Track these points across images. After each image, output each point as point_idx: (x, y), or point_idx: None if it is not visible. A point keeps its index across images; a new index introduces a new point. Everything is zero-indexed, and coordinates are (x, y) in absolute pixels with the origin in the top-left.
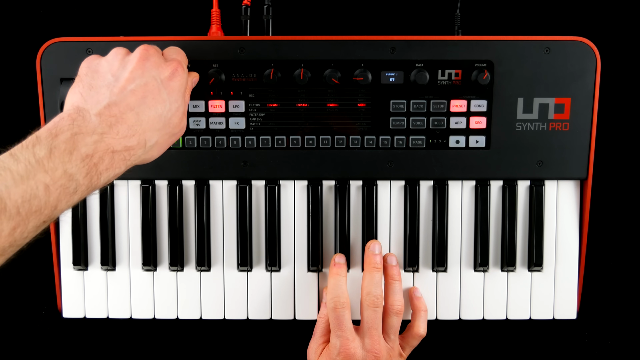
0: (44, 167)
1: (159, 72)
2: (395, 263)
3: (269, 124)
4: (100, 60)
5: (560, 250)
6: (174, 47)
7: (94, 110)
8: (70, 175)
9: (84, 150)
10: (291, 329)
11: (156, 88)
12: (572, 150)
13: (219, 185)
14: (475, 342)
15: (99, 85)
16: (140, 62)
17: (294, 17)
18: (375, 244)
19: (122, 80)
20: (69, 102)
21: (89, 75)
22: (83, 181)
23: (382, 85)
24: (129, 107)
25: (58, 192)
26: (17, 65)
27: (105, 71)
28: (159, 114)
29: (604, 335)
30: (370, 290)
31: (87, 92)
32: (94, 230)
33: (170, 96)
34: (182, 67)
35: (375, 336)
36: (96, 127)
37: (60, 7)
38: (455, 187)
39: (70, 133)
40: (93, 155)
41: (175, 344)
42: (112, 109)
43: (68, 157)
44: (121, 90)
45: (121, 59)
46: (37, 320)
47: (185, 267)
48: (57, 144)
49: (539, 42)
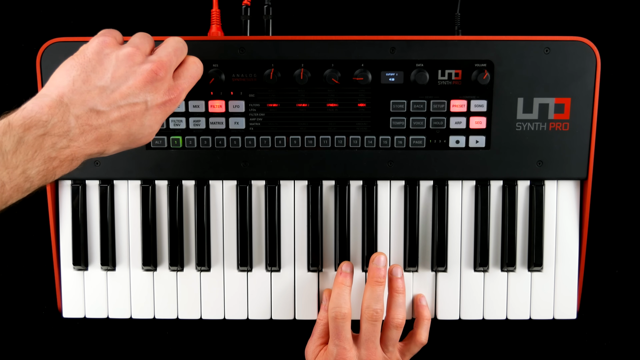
0: (6, 163)
1: (154, 97)
2: (401, 275)
3: (269, 124)
4: (112, 53)
5: (560, 250)
6: (180, 48)
7: (75, 110)
8: (27, 176)
9: (48, 152)
10: (291, 329)
11: (141, 112)
12: (572, 150)
13: (219, 185)
14: (475, 342)
15: (94, 83)
16: (143, 82)
17: (294, 17)
18: (380, 256)
19: (117, 92)
20: (58, 82)
21: (93, 63)
22: (37, 182)
23: (382, 85)
24: (108, 121)
25: (12, 191)
26: (17, 65)
27: (108, 70)
28: (130, 133)
29: (604, 335)
30: (370, 304)
31: (79, 83)
32: (94, 230)
33: (151, 121)
34: (181, 97)
35: (372, 348)
36: (69, 131)
37: (60, 7)
38: (455, 187)
39: (43, 130)
40: (55, 158)
41: (175, 344)
42: (91, 118)
43: (32, 155)
44: (111, 102)
45: (130, 65)
46: (37, 320)
47: (185, 267)
48: (27, 139)
49: (539, 42)
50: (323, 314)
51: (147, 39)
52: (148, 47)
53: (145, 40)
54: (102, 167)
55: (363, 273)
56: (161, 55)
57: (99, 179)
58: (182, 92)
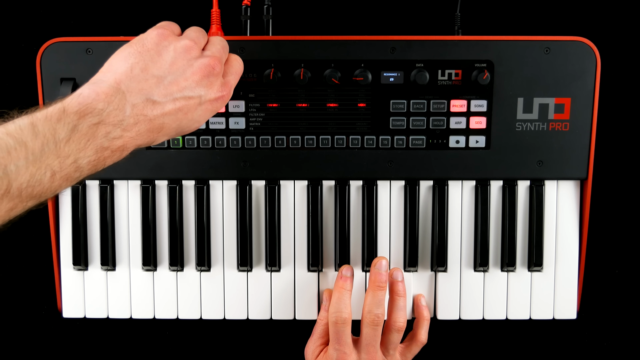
0: (58, 152)
1: (208, 92)
2: (401, 279)
3: (269, 124)
4: (170, 45)
5: (560, 250)
6: (233, 56)
7: (132, 99)
8: (78, 166)
9: (100, 142)
10: (291, 329)
11: (194, 106)
12: (572, 150)
13: (219, 185)
14: (475, 342)
15: (151, 72)
16: (200, 75)
17: (294, 17)
18: (382, 261)
19: (174, 84)
20: (115, 68)
21: (151, 53)
22: (87, 171)
23: (382, 85)
24: (163, 113)
25: (62, 180)
26: (17, 65)
27: (167, 61)
28: (180, 126)
29: (604, 335)
30: (371, 309)
31: (137, 71)
32: (94, 230)
33: (200, 116)
34: (230, 94)
35: (372, 352)
36: (123, 120)
37: (60, 7)
38: (455, 187)
39: (98, 119)
40: (107, 148)
41: (175, 344)
42: (146, 108)
43: (84, 144)
44: (167, 94)
45: (188, 58)
46: (37, 320)
47: (185, 267)
48: (81, 127)
49: (539, 42)
50: (323, 314)
51: (202, 34)
52: (203, 42)
53: (200, 35)
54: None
55: (363, 273)
56: (214, 50)
57: (99, 179)
58: (231, 88)
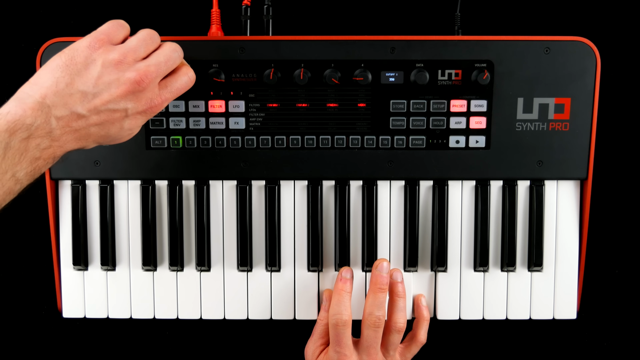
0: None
1: (135, 105)
2: (401, 279)
3: (269, 124)
4: (99, 59)
5: (560, 250)
6: (175, 52)
7: (57, 112)
8: (17, 179)
9: (32, 153)
10: (291, 329)
11: (120, 118)
12: (572, 150)
13: (219, 185)
14: (475, 342)
15: (76, 86)
16: (125, 91)
17: (294, 17)
18: (383, 263)
19: (98, 99)
20: (42, 82)
21: (78, 66)
22: (26, 182)
23: (382, 85)
24: (88, 124)
25: (4, 195)
26: (17, 65)
27: (93, 76)
28: (109, 134)
29: (604, 335)
30: (372, 311)
31: (63, 85)
32: (94, 230)
33: (130, 125)
34: (162, 107)
35: (373, 354)
36: (51, 132)
37: (60, 7)
38: (455, 187)
39: (27, 133)
40: (39, 158)
41: (175, 344)
42: (72, 120)
43: (19, 158)
44: (91, 108)
45: (115, 72)
46: (37, 320)
47: (185, 267)
48: (13, 143)
49: (539, 42)
50: (323, 314)
51: (149, 41)
52: (143, 51)
53: (145, 42)
54: (102, 167)
55: (363, 273)
56: (150, 63)
57: (99, 179)
58: (164, 102)
